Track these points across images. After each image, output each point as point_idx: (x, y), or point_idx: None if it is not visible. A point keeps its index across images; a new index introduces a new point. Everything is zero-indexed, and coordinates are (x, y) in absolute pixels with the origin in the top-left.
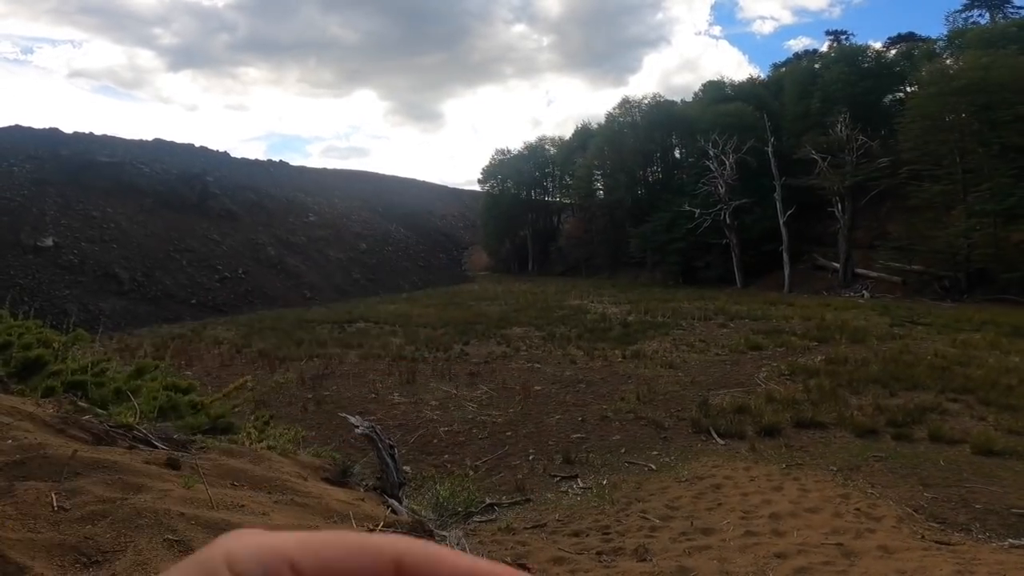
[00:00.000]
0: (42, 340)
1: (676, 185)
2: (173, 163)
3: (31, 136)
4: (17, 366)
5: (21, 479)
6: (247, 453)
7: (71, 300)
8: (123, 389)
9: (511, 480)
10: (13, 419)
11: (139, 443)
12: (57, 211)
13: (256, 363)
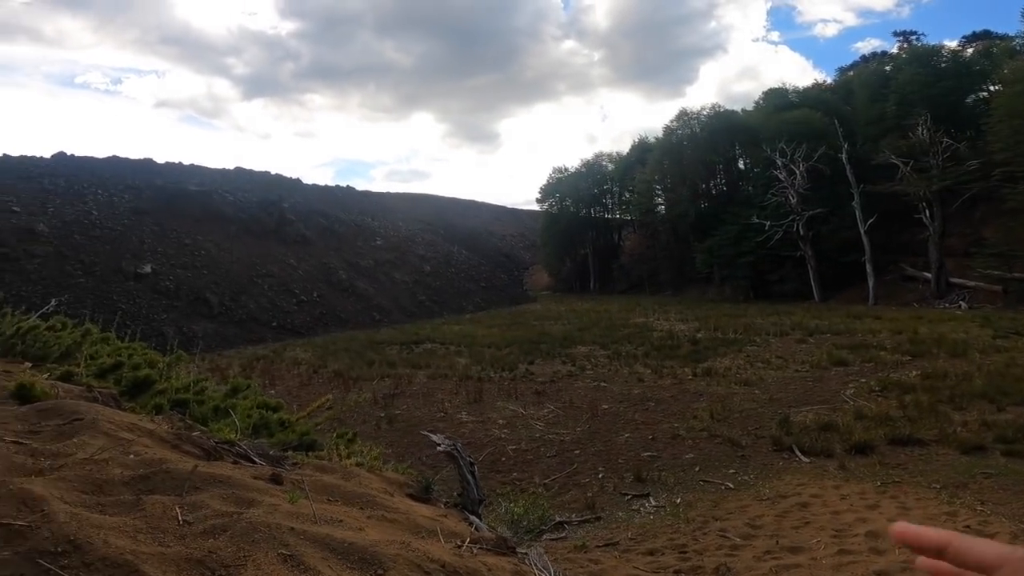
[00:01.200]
0: (148, 361)
1: (742, 197)
2: (253, 191)
3: (128, 166)
4: (128, 385)
5: (147, 493)
6: (338, 469)
7: (168, 323)
8: (220, 407)
9: (580, 498)
10: (134, 435)
11: (240, 458)
12: (154, 239)
13: (332, 383)
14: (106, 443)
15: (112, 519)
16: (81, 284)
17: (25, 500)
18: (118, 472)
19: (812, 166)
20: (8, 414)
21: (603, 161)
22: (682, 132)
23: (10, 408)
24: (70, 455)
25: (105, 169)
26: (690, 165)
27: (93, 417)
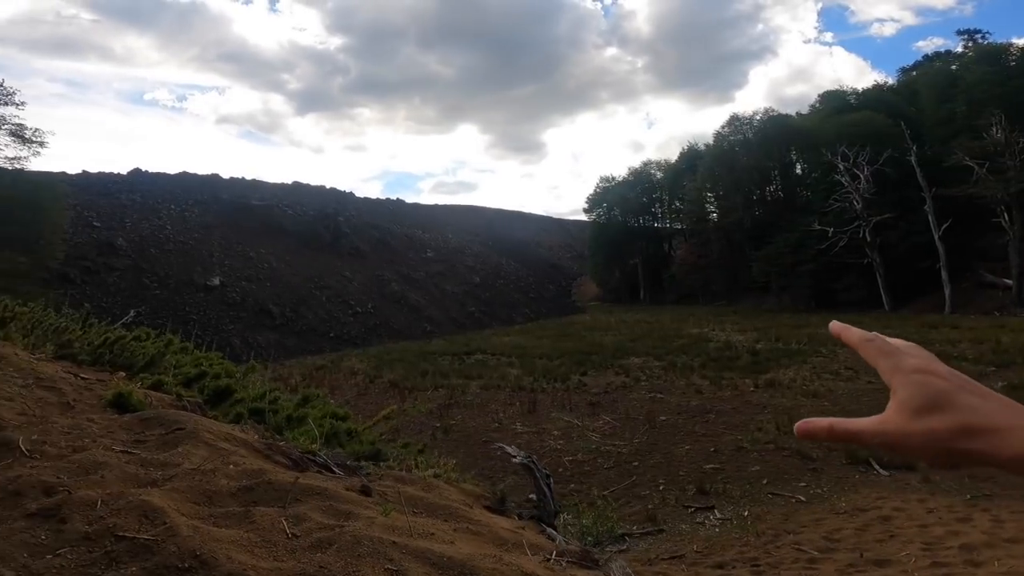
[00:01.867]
0: (226, 371)
1: (801, 203)
2: (310, 204)
3: (197, 181)
4: (210, 394)
5: (253, 504)
6: (417, 481)
7: (235, 334)
8: (293, 416)
9: (641, 510)
10: (231, 445)
11: (323, 468)
12: (221, 252)
13: (387, 392)
14: (208, 453)
15: (228, 532)
16: (157, 296)
17: (146, 512)
18: (224, 483)
19: (877, 169)
20: (113, 423)
21: (651, 169)
22: (734, 138)
23: (112, 417)
24: (178, 465)
25: (176, 185)
26: (743, 171)
27: (193, 427)
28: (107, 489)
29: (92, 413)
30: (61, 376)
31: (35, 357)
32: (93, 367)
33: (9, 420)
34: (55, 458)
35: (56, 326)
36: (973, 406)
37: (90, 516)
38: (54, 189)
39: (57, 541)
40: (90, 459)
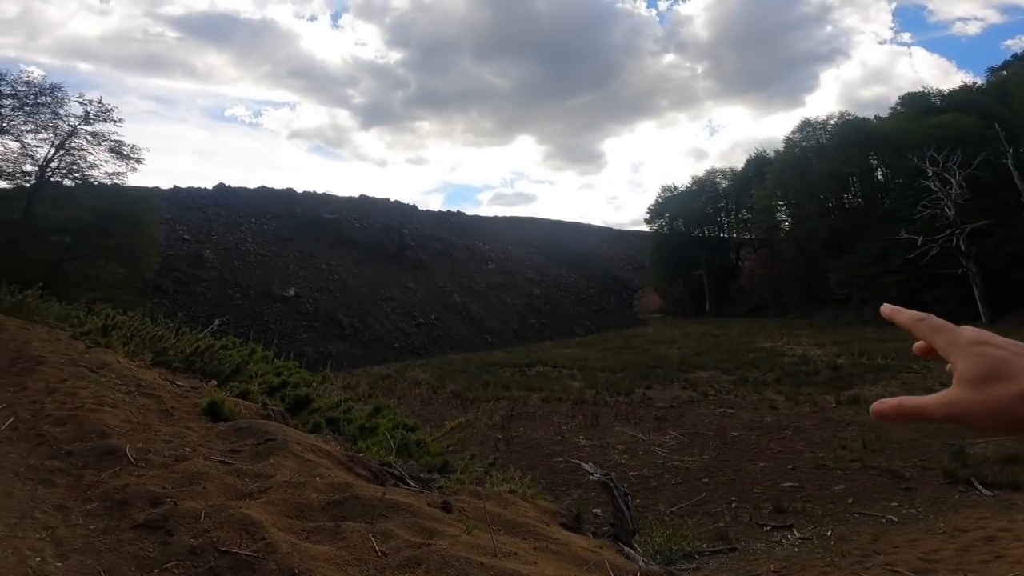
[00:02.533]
0: (304, 380)
1: (883, 210)
2: (376, 217)
3: (274, 196)
4: (290, 402)
5: (342, 519)
6: (493, 496)
7: (308, 343)
8: (366, 426)
9: (711, 528)
10: (316, 456)
11: (399, 481)
12: (296, 264)
13: (450, 403)
14: (297, 465)
15: (322, 549)
16: (239, 305)
17: (246, 526)
18: (314, 496)
19: (970, 174)
20: (210, 432)
21: (716, 178)
22: (806, 143)
23: (208, 425)
24: (271, 477)
25: (256, 199)
26: (818, 178)
27: (283, 438)
28: (209, 501)
29: (190, 421)
30: (159, 383)
31: (135, 364)
32: (186, 374)
33: (115, 428)
34: (159, 467)
35: (152, 334)
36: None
37: (195, 529)
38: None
39: (164, 555)
40: (192, 469)
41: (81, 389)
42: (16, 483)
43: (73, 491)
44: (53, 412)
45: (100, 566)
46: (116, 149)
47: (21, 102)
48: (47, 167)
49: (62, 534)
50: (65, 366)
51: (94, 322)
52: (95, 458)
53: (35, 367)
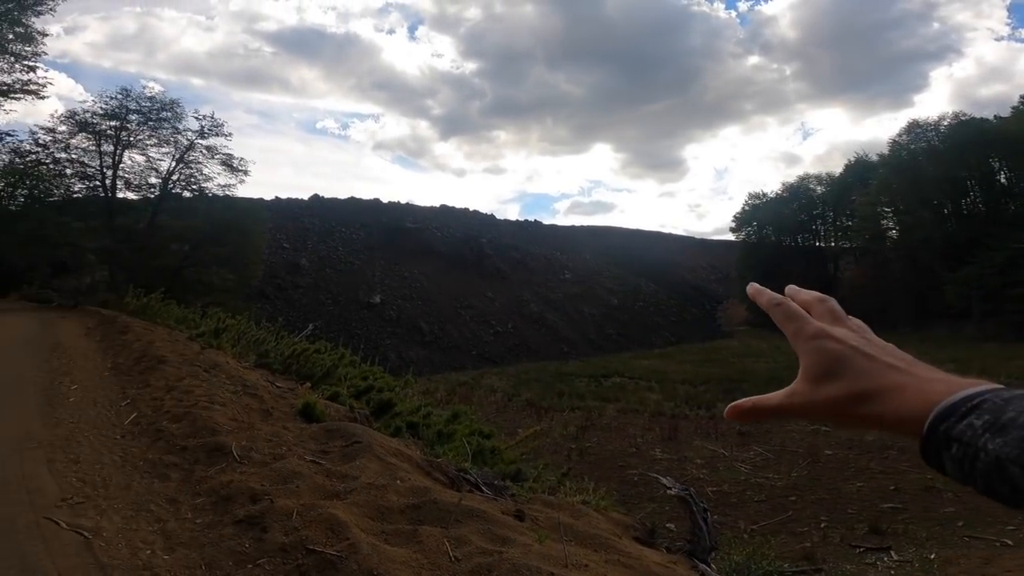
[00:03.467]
0: (387, 384)
1: (1008, 217)
2: (456, 227)
3: (361, 206)
4: (374, 406)
5: (419, 523)
6: (566, 506)
7: (391, 349)
8: (443, 431)
9: (796, 548)
10: (398, 460)
11: (474, 487)
12: (382, 272)
13: (524, 411)
14: (380, 467)
15: (399, 551)
16: (330, 311)
17: (332, 526)
18: (395, 499)
19: None
20: (304, 433)
21: (810, 183)
22: (915, 146)
23: (302, 426)
24: (356, 478)
25: (346, 209)
26: (930, 183)
27: (368, 441)
28: (301, 500)
29: (286, 421)
30: (261, 384)
31: (242, 365)
32: (284, 375)
33: (223, 425)
34: (259, 465)
35: (256, 338)
36: (863, 369)
37: (287, 526)
38: (256, 214)
39: (258, 551)
40: (288, 468)
41: (195, 388)
42: (135, 476)
43: (184, 485)
44: (171, 409)
45: (202, 560)
46: (227, 162)
47: (146, 117)
48: (169, 179)
49: (172, 527)
50: (182, 365)
51: (207, 325)
52: (205, 454)
53: (157, 366)
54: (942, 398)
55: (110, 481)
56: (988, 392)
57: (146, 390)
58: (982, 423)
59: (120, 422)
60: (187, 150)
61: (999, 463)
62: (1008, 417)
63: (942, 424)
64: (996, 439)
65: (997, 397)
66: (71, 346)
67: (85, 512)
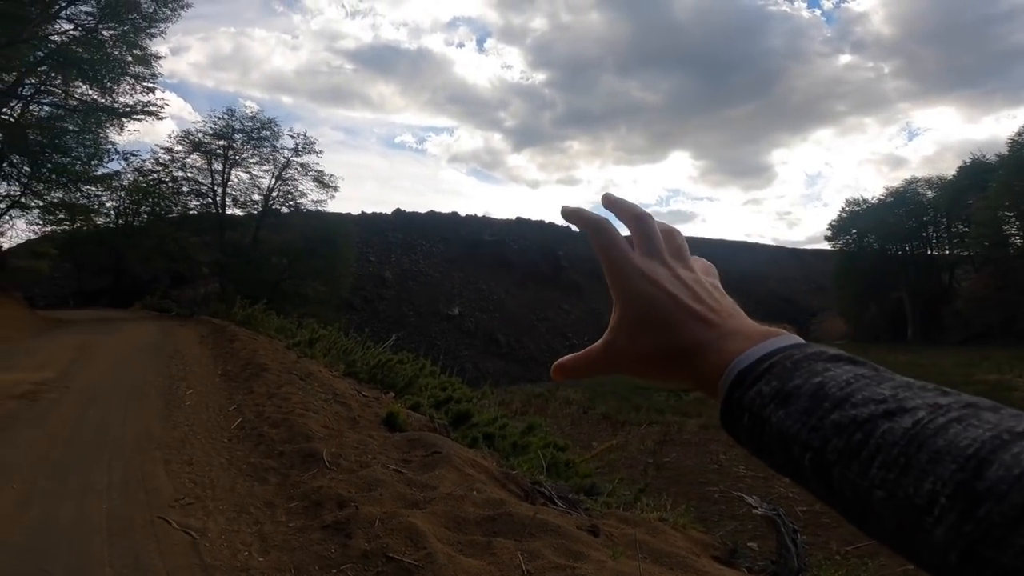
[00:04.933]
0: (464, 395)
1: None
2: (532, 239)
3: (440, 220)
4: (453, 416)
5: (494, 535)
6: (642, 523)
7: (468, 360)
8: (518, 443)
9: (897, 570)
10: (475, 471)
11: (548, 500)
12: (460, 285)
13: (600, 424)
14: (457, 478)
15: (474, 563)
16: (412, 322)
17: (411, 535)
18: (471, 510)
19: None
20: (387, 442)
21: (919, 187)
22: None
23: (386, 435)
24: (435, 488)
25: (426, 223)
26: None
27: (447, 452)
28: (383, 507)
29: (371, 430)
30: (349, 392)
31: (332, 374)
32: (369, 384)
33: (316, 432)
34: (347, 471)
35: (345, 348)
36: (674, 322)
37: (369, 533)
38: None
39: (343, 556)
40: (372, 476)
41: (293, 395)
42: (239, 479)
43: (281, 489)
44: (271, 415)
45: (292, 563)
46: (319, 179)
47: (248, 136)
48: (269, 196)
49: (268, 530)
50: (281, 373)
51: (303, 335)
52: (300, 459)
53: (260, 373)
54: (737, 358)
55: (217, 483)
56: (781, 351)
57: (250, 396)
58: (770, 390)
59: (227, 426)
60: (284, 167)
61: (782, 438)
62: (793, 385)
63: (736, 391)
64: (779, 411)
65: (788, 359)
66: (187, 353)
67: (194, 513)
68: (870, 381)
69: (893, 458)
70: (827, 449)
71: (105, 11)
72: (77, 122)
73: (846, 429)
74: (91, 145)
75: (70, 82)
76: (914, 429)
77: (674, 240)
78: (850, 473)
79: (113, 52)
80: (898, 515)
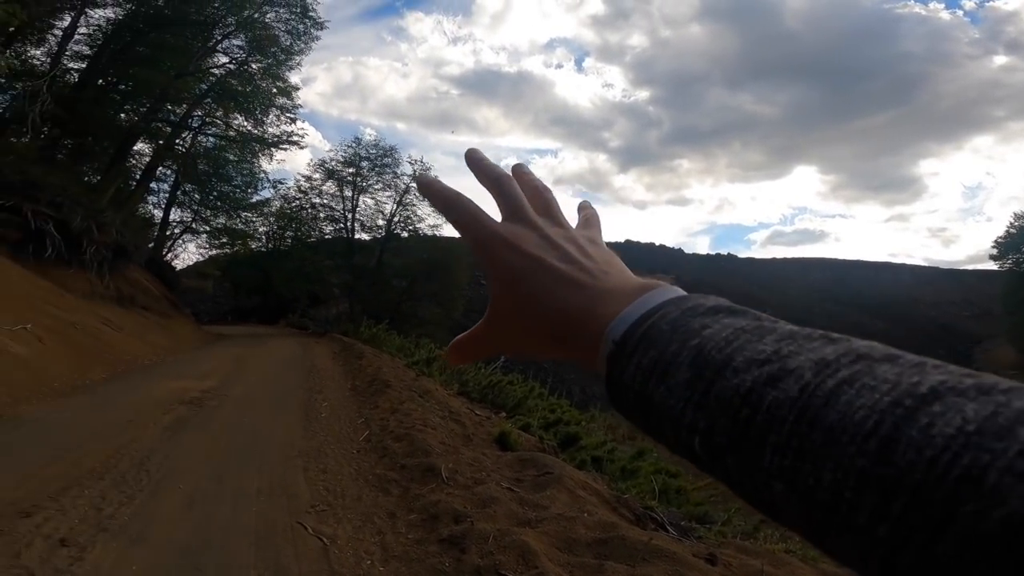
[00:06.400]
0: (573, 418)
1: None
2: (642, 262)
3: None
4: (561, 438)
5: (605, 558)
6: (764, 554)
7: (575, 383)
8: (627, 467)
9: None
10: (586, 493)
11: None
12: None
13: None
14: (569, 499)
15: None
16: None
17: (523, 553)
18: (583, 532)
19: None
20: (500, 460)
21: None
22: None
23: (498, 453)
24: (546, 508)
25: None
26: None
27: (559, 473)
28: (497, 524)
29: (484, 448)
30: (463, 411)
31: (447, 392)
32: (481, 404)
33: (434, 447)
34: (463, 487)
35: (459, 367)
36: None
37: (483, 549)
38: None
39: (456, 570)
40: (487, 492)
41: (413, 411)
42: (365, 489)
43: (402, 501)
44: (394, 429)
45: (409, 574)
46: None
47: (373, 163)
48: (391, 221)
49: (389, 540)
50: (403, 390)
51: (420, 354)
52: (420, 473)
53: (384, 389)
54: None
55: (347, 492)
56: (657, 311)
57: (375, 411)
58: (648, 361)
59: (356, 438)
60: (404, 193)
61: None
62: (672, 351)
63: (615, 366)
64: (660, 386)
65: (663, 319)
66: (323, 368)
67: (326, 520)
68: (751, 336)
69: (784, 440)
70: (715, 431)
71: (252, 45)
72: (236, 152)
73: (730, 404)
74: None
75: (229, 113)
76: (801, 398)
77: (541, 196)
78: (743, 461)
79: (261, 84)
80: (803, 512)
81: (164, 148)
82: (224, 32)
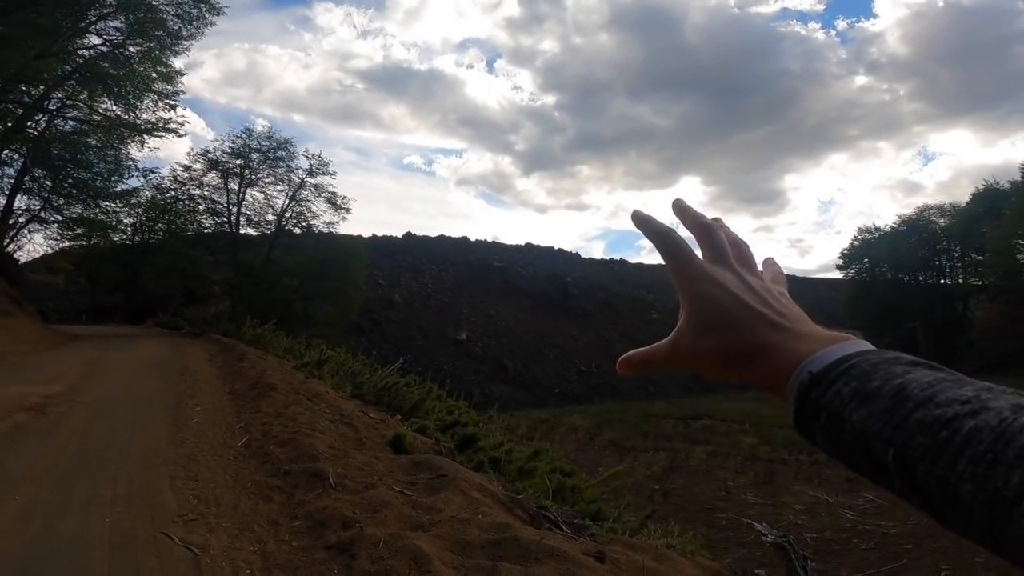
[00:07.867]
0: (471, 419)
1: None
2: (541, 265)
3: (450, 244)
4: (459, 440)
5: (499, 559)
6: (648, 549)
7: (475, 384)
8: (524, 467)
9: None
10: (481, 495)
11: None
12: (468, 310)
13: (606, 451)
14: (463, 501)
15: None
16: (419, 346)
17: (415, 557)
18: (476, 534)
19: None
20: (393, 463)
21: (932, 215)
22: None
23: (392, 456)
24: (440, 511)
25: (435, 247)
26: None
27: (453, 475)
28: (388, 529)
29: (378, 451)
30: (356, 414)
31: (339, 395)
32: (376, 406)
33: (322, 452)
34: (352, 492)
35: (353, 369)
36: (740, 323)
37: (373, 555)
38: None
39: None
40: (377, 497)
41: (300, 415)
42: (243, 496)
43: (285, 508)
44: (278, 434)
45: None
46: (331, 200)
47: (265, 156)
48: (283, 217)
49: (271, 548)
50: (289, 393)
51: (311, 356)
52: (305, 479)
53: (268, 393)
54: (808, 359)
55: (221, 500)
56: (857, 355)
57: (257, 415)
58: (849, 391)
59: (234, 444)
60: (298, 188)
61: (863, 437)
62: (874, 386)
63: (812, 392)
64: (860, 410)
65: (865, 361)
66: (196, 371)
67: (197, 529)
68: (952, 384)
69: (980, 453)
70: (911, 446)
71: (133, 27)
72: (100, 138)
73: (931, 427)
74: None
75: (95, 97)
76: (1000, 427)
77: (741, 249)
78: (936, 468)
79: (138, 68)
80: (987, 507)
81: (12, 131)
82: (100, 13)
